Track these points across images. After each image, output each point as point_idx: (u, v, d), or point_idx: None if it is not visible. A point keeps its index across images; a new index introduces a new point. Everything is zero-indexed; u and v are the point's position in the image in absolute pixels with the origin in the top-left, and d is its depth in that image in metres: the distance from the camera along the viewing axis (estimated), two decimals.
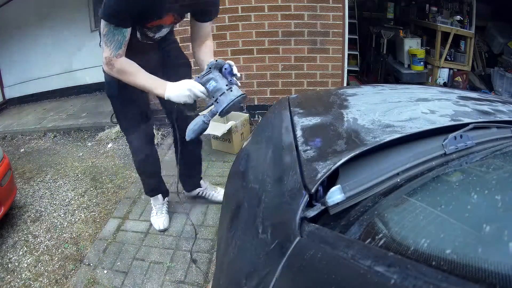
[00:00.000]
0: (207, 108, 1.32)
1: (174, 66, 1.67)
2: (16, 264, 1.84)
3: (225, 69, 1.27)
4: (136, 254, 1.79)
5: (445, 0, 4.09)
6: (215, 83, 1.25)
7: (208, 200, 2.11)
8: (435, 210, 0.49)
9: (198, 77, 1.30)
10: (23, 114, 4.23)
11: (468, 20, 3.85)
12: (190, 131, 1.28)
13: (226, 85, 1.25)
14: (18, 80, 4.56)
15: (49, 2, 4.12)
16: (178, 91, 1.29)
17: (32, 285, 1.70)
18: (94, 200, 2.33)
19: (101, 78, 1.52)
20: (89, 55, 3.99)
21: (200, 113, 1.34)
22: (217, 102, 1.25)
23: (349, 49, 3.34)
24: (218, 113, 1.26)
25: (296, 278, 0.45)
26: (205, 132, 1.35)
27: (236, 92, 1.25)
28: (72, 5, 4.11)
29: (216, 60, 1.29)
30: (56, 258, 1.85)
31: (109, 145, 3.13)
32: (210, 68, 1.28)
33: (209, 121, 1.29)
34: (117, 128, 3.20)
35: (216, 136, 2.63)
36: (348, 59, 3.31)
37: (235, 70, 1.28)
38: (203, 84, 1.28)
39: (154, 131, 2.49)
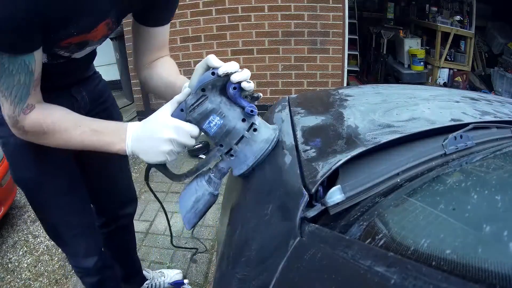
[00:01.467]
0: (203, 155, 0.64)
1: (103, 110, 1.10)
2: (16, 264, 1.84)
3: (234, 88, 0.65)
4: None
5: (445, 0, 4.10)
6: (221, 120, 0.67)
7: None
8: (435, 210, 0.50)
9: (182, 110, 0.68)
10: None
11: (468, 20, 3.86)
12: (189, 212, 0.71)
13: (243, 120, 0.67)
14: None
15: None
16: (150, 143, 0.67)
17: (32, 285, 1.70)
18: None
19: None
20: None
21: (194, 169, 0.74)
22: (232, 156, 0.69)
23: (349, 49, 3.35)
24: (239, 175, 0.71)
25: (296, 278, 0.46)
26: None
27: (266, 131, 0.69)
28: None
29: (212, 71, 0.64)
30: (56, 258, 1.85)
31: None
32: (203, 90, 0.66)
33: (219, 188, 0.73)
34: None
35: None
36: (348, 59, 3.31)
37: (247, 86, 0.65)
38: (196, 123, 0.68)
39: None
